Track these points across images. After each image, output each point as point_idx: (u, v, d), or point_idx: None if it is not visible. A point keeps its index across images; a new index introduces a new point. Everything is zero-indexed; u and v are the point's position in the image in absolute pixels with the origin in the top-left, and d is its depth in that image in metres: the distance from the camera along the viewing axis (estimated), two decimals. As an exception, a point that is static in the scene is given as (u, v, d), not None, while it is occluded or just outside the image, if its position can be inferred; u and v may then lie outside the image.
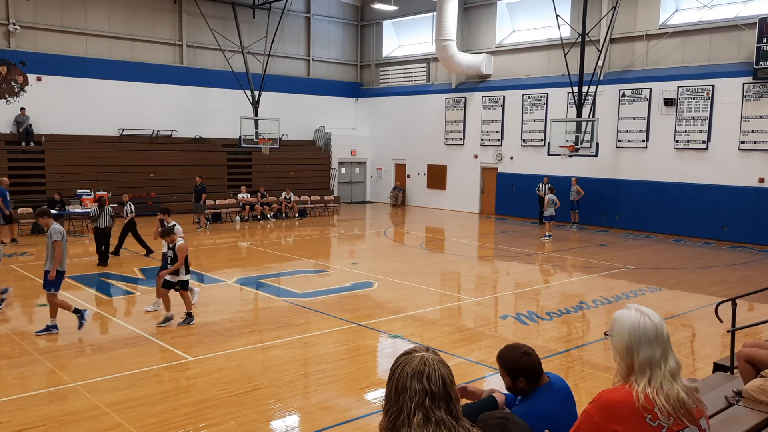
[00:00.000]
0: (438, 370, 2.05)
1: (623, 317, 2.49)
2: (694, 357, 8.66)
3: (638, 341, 2.42)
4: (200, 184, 21.17)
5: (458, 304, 11.79)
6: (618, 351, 2.48)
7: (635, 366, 2.42)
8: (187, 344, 8.73)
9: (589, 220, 22.66)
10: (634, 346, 2.42)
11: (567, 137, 20.61)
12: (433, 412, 2.01)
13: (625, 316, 2.49)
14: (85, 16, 23.56)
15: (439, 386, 2.03)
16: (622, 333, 2.46)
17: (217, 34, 25.20)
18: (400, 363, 2.10)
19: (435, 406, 2.01)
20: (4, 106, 21.93)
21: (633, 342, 2.42)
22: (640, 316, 2.46)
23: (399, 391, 2.05)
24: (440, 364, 2.09)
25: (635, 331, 2.43)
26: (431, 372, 2.04)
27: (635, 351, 2.42)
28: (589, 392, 7.32)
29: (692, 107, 20.17)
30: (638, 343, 2.42)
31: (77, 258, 15.84)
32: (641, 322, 2.44)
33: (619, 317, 2.51)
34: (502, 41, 26.02)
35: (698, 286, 13.30)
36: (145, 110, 24.76)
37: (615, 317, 2.53)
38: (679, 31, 20.73)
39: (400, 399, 2.04)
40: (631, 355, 2.43)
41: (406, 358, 2.11)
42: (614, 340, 2.50)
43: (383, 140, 30.54)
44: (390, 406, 2.09)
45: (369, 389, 7.43)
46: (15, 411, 6.47)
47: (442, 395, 2.03)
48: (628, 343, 2.44)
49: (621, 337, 2.46)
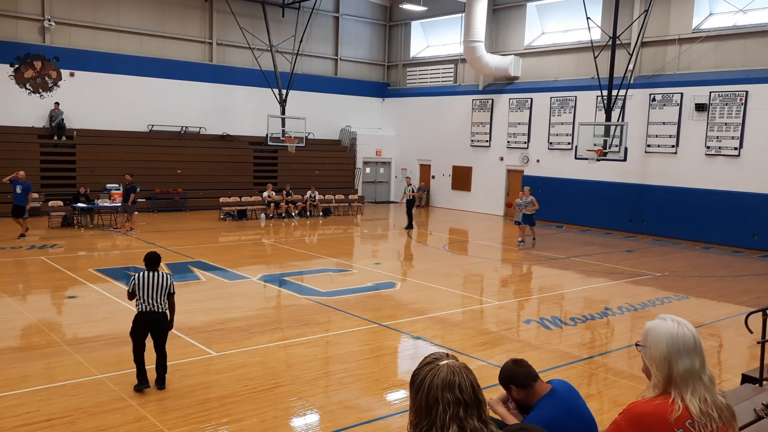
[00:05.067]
0: (467, 377, 2.02)
1: (659, 327, 2.44)
2: (721, 367, 8.51)
3: (677, 352, 2.37)
4: (130, 183, 18.71)
5: (481, 307, 11.74)
6: (655, 362, 2.43)
7: (675, 377, 2.37)
8: (211, 339, 8.81)
9: (616, 225, 22.40)
10: (672, 357, 2.38)
11: (595, 141, 20.37)
12: (466, 422, 1.98)
13: (662, 326, 2.44)
14: (118, 12, 23.92)
15: (470, 394, 2.00)
16: (659, 343, 2.41)
17: (246, 32, 25.41)
18: (427, 374, 2.04)
19: (468, 416, 1.98)
20: (38, 100, 22.35)
21: (672, 353, 2.38)
22: (678, 326, 2.41)
23: (430, 404, 1.99)
24: (467, 370, 2.06)
25: (674, 342, 2.38)
26: (462, 381, 2.00)
27: (674, 362, 2.37)
28: (613, 400, 7.24)
29: (725, 113, 19.82)
30: (677, 354, 2.37)
31: (105, 252, 16.11)
32: (680, 332, 2.40)
33: (654, 327, 2.46)
34: (531, 43, 25.83)
35: (726, 295, 13.06)
36: (174, 107, 25.07)
37: (649, 328, 2.48)
38: (712, 35, 20.38)
39: (433, 413, 1.98)
40: (670, 366, 2.38)
41: (431, 368, 2.05)
42: (650, 350, 2.45)
43: (408, 140, 30.51)
44: (420, 419, 2.02)
45: (390, 390, 7.44)
46: (42, 401, 6.59)
47: (473, 403, 2.00)
48: (666, 353, 2.39)
49: (658, 348, 2.41)
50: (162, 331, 7.03)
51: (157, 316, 6.97)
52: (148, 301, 6.91)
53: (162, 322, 7.02)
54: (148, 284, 6.92)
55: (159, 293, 6.97)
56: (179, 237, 18.11)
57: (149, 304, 6.91)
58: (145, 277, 6.97)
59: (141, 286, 6.93)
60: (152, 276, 6.98)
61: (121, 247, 16.59)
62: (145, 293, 6.91)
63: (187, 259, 14.72)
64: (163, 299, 7.01)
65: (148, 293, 6.90)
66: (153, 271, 7.05)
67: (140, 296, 6.91)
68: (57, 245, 16.08)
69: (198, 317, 9.91)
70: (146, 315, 6.91)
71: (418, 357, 2.14)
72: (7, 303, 10.45)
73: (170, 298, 7.11)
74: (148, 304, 6.91)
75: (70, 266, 13.47)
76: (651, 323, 2.49)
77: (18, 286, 11.94)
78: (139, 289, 6.92)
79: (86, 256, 15.25)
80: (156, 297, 6.93)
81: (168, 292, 7.05)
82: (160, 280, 7.00)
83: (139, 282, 6.94)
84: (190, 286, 12.19)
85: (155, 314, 6.95)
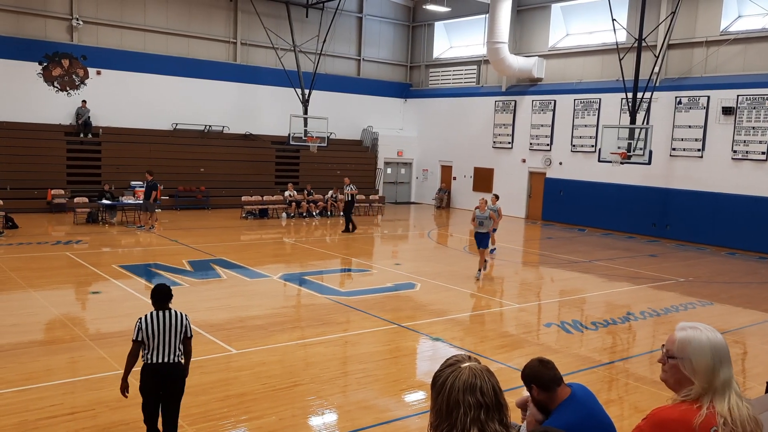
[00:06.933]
0: (488, 380, 2.02)
1: (698, 338, 2.42)
2: (746, 375, 8.37)
3: (720, 361, 2.38)
4: (151, 181, 18.75)
5: (501, 309, 11.68)
6: (699, 373, 2.39)
7: (716, 386, 2.37)
8: (232, 337, 8.88)
9: (639, 229, 22.14)
10: (717, 366, 2.38)
11: (619, 144, 20.16)
12: (487, 425, 1.97)
13: (700, 336, 2.42)
14: (144, 12, 24.22)
15: (492, 398, 1.99)
16: (704, 353, 2.39)
17: (270, 32, 25.58)
18: (448, 376, 2.03)
19: (489, 419, 1.98)
20: (66, 98, 22.71)
21: (717, 362, 2.38)
22: (716, 336, 2.42)
23: (451, 406, 1.98)
24: (488, 373, 2.05)
25: (717, 351, 2.39)
26: (483, 384, 2.00)
27: (719, 371, 2.37)
28: (634, 406, 7.16)
29: (752, 117, 19.50)
30: (720, 363, 2.38)
31: (129, 248, 16.32)
32: (718, 341, 2.41)
33: (693, 338, 2.43)
34: (556, 45, 25.65)
35: (752, 302, 12.85)
36: (198, 106, 25.32)
37: (686, 339, 2.44)
38: (740, 37, 20.06)
39: (453, 415, 1.98)
40: (715, 375, 2.37)
41: (452, 370, 2.05)
42: (691, 362, 2.41)
43: (430, 141, 30.46)
44: (440, 421, 2.02)
45: (409, 391, 7.43)
46: (66, 394, 6.70)
47: (495, 406, 2.00)
48: (712, 363, 2.38)
49: (704, 358, 2.39)
50: (176, 389, 5.39)
51: (170, 369, 5.28)
52: (159, 350, 5.24)
53: (177, 377, 5.36)
54: (158, 328, 5.26)
55: (173, 339, 5.31)
56: (201, 235, 18.28)
57: (161, 354, 5.25)
58: (154, 319, 5.29)
59: (150, 331, 5.24)
60: (163, 317, 5.31)
61: (144, 244, 16.78)
62: (155, 340, 5.24)
63: (209, 256, 14.85)
64: (178, 345, 5.33)
65: (158, 340, 5.25)
66: (163, 310, 5.37)
67: (148, 344, 5.24)
68: (82, 241, 16.32)
69: (219, 314, 9.99)
70: (156, 368, 5.23)
71: (437, 358, 2.14)
72: (32, 297, 10.63)
73: (186, 343, 5.43)
74: (159, 354, 5.24)
75: (94, 262, 13.67)
76: (685, 334, 2.45)
77: (43, 280, 12.13)
78: (147, 336, 5.23)
79: (110, 252, 15.46)
80: (169, 343, 5.28)
81: (184, 335, 5.39)
82: (173, 322, 5.34)
83: (147, 327, 5.25)
84: (211, 284, 12.30)
85: (168, 366, 5.26)
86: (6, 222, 17.41)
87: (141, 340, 5.25)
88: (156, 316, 5.31)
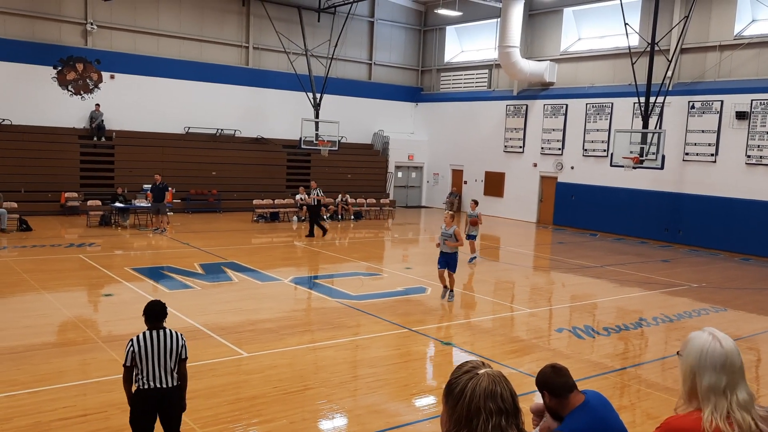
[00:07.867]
0: (507, 387, 2.03)
1: (695, 339, 2.40)
2: (759, 383, 8.29)
3: (703, 366, 2.32)
4: (161, 183, 18.98)
5: (511, 314, 11.63)
6: (682, 372, 2.41)
7: (698, 392, 2.33)
8: (242, 340, 8.90)
9: (651, 234, 22.01)
10: (696, 371, 2.33)
11: (631, 148, 20.04)
12: (507, 431, 1.98)
13: (697, 338, 2.39)
14: (158, 17, 24.39)
15: (511, 404, 2.00)
16: (690, 355, 2.38)
17: (282, 36, 25.68)
18: (467, 383, 2.02)
19: (509, 425, 1.98)
20: (80, 102, 22.91)
21: (697, 366, 2.34)
22: (712, 340, 2.36)
23: (472, 414, 1.97)
24: (506, 380, 2.06)
25: (702, 356, 2.34)
26: (503, 391, 2.01)
27: (699, 376, 2.33)
28: (646, 412, 7.11)
29: (767, 121, 19.34)
30: (703, 369, 2.32)
31: (141, 251, 16.41)
32: (711, 346, 2.34)
33: (691, 339, 2.42)
34: (567, 49, 25.57)
35: (766, 308, 12.72)
36: (210, 109, 25.45)
37: (689, 338, 2.44)
38: (755, 42, 19.92)
39: (474, 422, 1.97)
40: (694, 379, 2.34)
41: (470, 377, 2.03)
42: (681, 362, 2.42)
43: (441, 145, 30.44)
44: (459, 429, 2.00)
45: (419, 395, 7.41)
46: (78, 396, 6.74)
47: (513, 412, 2.01)
48: (693, 366, 2.35)
49: (687, 359, 2.38)
50: (174, 414, 5.03)
51: (165, 394, 4.91)
52: (153, 373, 4.87)
53: (173, 401, 4.98)
54: (151, 350, 4.87)
55: (168, 361, 4.91)
56: (213, 238, 18.35)
57: (154, 378, 4.87)
58: (147, 340, 4.91)
59: (142, 354, 4.86)
60: (157, 338, 4.93)
61: (156, 246, 16.87)
62: (148, 363, 4.86)
63: (220, 259, 14.91)
64: (172, 368, 4.95)
65: (151, 362, 4.86)
66: (157, 329, 4.99)
67: (141, 368, 4.87)
68: (94, 244, 16.43)
69: (229, 317, 10.02)
70: (151, 393, 4.88)
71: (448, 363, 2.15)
72: (45, 299, 10.71)
73: (181, 365, 5.02)
74: (152, 378, 4.87)
75: (106, 264, 13.75)
76: (692, 333, 2.45)
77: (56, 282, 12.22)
78: (140, 358, 4.86)
79: (122, 255, 15.55)
80: (164, 366, 4.89)
81: (179, 357, 4.98)
82: (168, 343, 4.94)
83: (140, 348, 4.87)
84: (222, 287, 12.35)
85: (163, 391, 4.89)
86: (20, 224, 17.58)
87: (131, 366, 4.90)
88: (150, 336, 4.95)
